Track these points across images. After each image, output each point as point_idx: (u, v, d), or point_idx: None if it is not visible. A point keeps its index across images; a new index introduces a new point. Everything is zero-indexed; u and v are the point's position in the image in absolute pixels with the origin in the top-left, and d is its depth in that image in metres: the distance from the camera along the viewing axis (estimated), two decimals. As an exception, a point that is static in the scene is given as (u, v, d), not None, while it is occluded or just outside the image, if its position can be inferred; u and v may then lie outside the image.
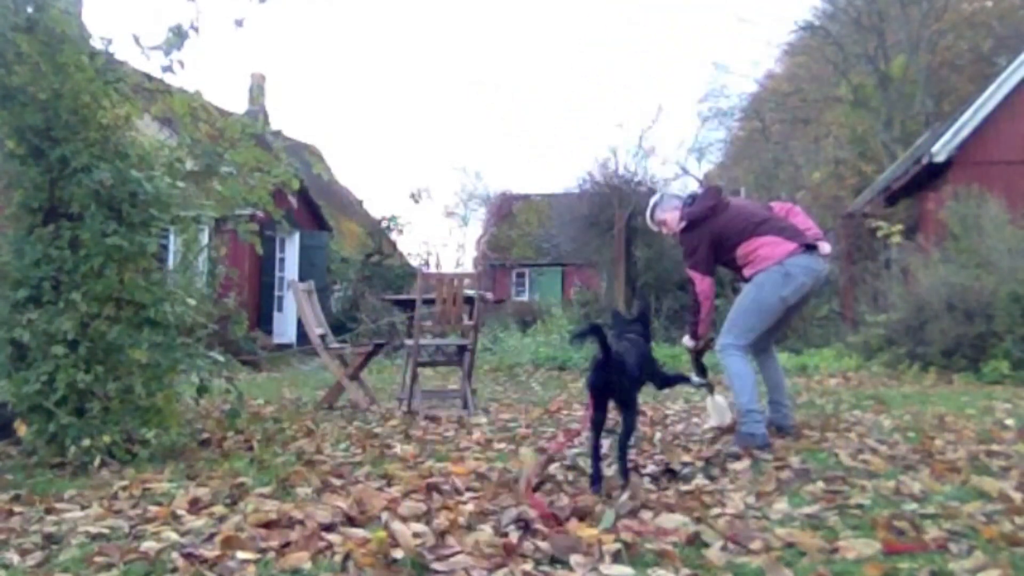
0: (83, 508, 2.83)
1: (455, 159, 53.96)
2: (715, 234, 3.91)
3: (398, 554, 2.13)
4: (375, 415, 5.27)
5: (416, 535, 2.28)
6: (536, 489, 2.90)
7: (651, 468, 3.26)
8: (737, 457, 3.40)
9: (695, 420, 4.59)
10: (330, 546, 2.24)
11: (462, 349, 5.68)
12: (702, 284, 3.95)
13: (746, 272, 3.90)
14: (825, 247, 3.91)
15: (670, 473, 3.19)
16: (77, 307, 3.63)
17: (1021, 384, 6.83)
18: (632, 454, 3.60)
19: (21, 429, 3.67)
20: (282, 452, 3.82)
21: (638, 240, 14.69)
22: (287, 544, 2.26)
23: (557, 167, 49.20)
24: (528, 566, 2.08)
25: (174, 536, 2.39)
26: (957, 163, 10.99)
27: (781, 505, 2.65)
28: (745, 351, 3.88)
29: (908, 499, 2.68)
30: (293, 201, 5.77)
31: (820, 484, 2.91)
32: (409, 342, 5.57)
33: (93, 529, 2.53)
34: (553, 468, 3.31)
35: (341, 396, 5.92)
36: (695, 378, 4.18)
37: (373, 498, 2.70)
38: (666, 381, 3.91)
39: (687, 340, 4.19)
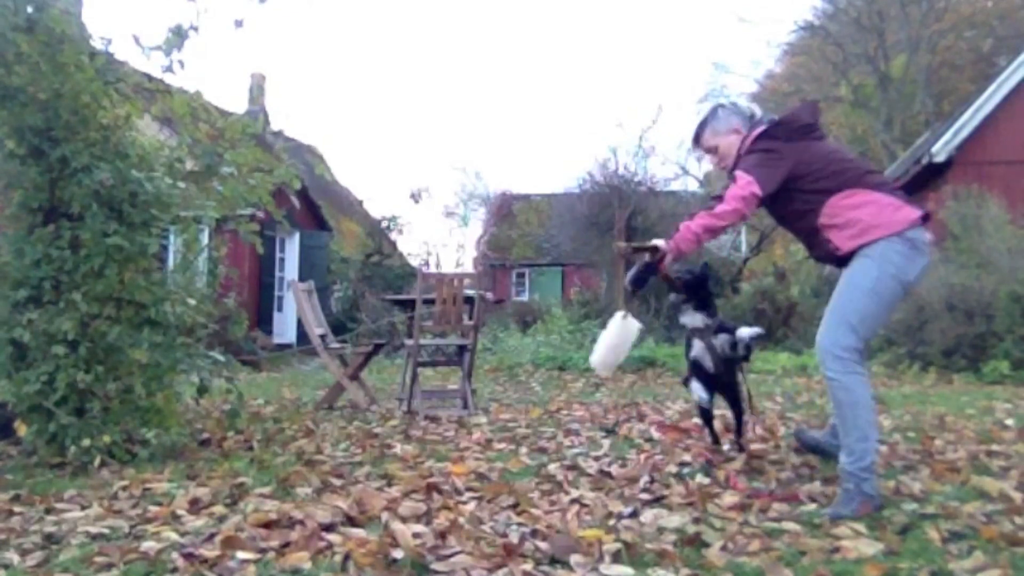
0: (83, 508, 2.83)
1: (455, 159, 53.92)
2: (800, 162, 2.78)
3: (398, 554, 2.13)
4: (375, 415, 5.27)
5: (416, 535, 2.28)
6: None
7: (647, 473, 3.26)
8: (735, 457, 3.39)
9: (695, 420, 4.59)
10: (330, 546, 2.25)
11: (462, 349, 5.68)
12: (744, 190, 2.74)
13: (834, 239, 2.76)
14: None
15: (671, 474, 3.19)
16: (77, 307, 3.63)
17: (1021, 384, 6.83)
18: (632, 454, 3.61)
19: (21, 429, 3.67)
20: (282, 452, 3.82)
21: (638, 240, 14.69)
22: (287, 544, 2.27)
23: (557, 167, 49.16)
24: (528, 566, 2.08)
25: (174, 536, 2.39)
26: (957, 163, 11.00)
27: (780, 505, 2.65)
28: (863, 363, 2.74)
29: (908, 499, 2.69)
30: (295, 201, 5.77)
31: (819, 484, 2.91)
32: (409, 342, 5.57)
33: (93, 529, 2.53)
34: (553, 468, 3.32)
35: (341, 396, 5.92)
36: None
37: (373, 498, 2.70)
38: None
39: (659, 241, 2.92)
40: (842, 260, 2.78)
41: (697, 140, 3.14)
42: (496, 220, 25.23)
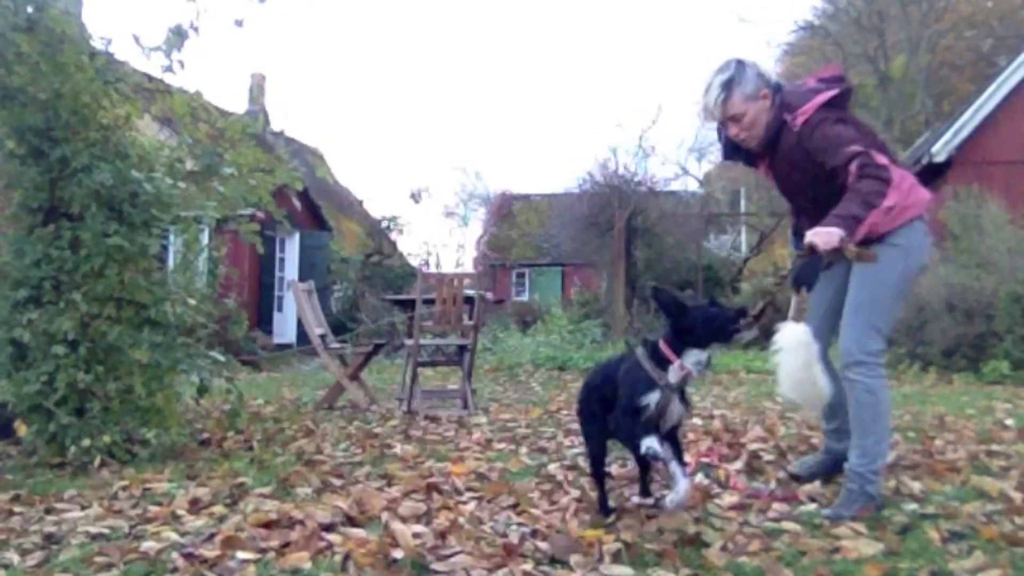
0: (83, 508, 2.83)
1: (455, 159, 53.94)
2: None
3: (398, 554, 2.13)
4: (375, 415, 5.27)
5: (416, 535, 2.28)
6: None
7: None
8: (735, 457, 3.39)
9: (696, 420, 4.59)
10: (330, 546, 2.25)
11: (462, 349, 5.68)
12: (907, 180, 2.48)
13: (872, 218, 2.48)
14: None
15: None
16: (77, 307, 3.63)
17: (1021, 384, 6.83)
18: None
19: (21, 429, 3.68)
20: (282, 452, 3.82)
21: (638, 240, 14.69)
22: (287, 544, 2.27)
23: (557, 167, 49.19)
24: (528, 566, 2.08)
25: (174, 536, 2.39)
26: (957, 163, 10.99)
27: (780, 505, 2.65)
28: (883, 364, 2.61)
29: (908, 499, 2.69)
30: (296, 204, 5.77)
31: (819, 484, 2.90)
32: (409, 342, 5.57)
33: (93, 529, 2.53)
34: (553, 468, 3.32)
35: (341, 396, 5.92)
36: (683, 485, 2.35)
37: (373, 498, 2.70)
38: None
39: (833, 235, 2.30)
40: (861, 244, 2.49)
41: (724, 103, 2.58)
42: (496, 220, 25.23)
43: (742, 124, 2.61)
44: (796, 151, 2.56)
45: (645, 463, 2.69)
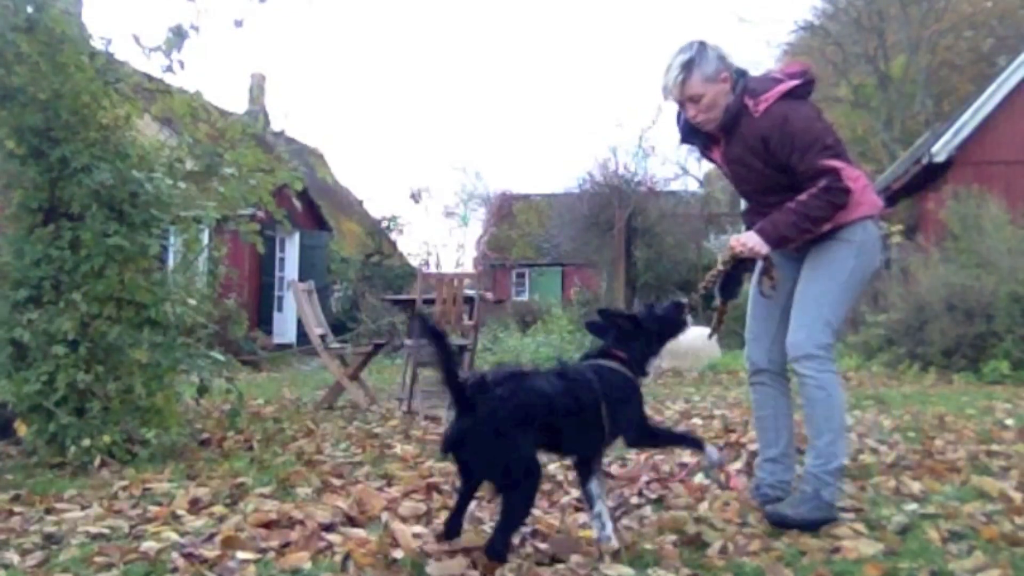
0: (83, 508, 2.83)
1: (455, 159, 53.91)
2: None
3: (398, 554, 2.13)
4: (375, 415, 5.27)
5: (416, 535, 2.29)
6: None
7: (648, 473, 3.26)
8: (735, 457, 3.39)
9: (695, 420, 4.59)
10: (330, 546, 2.25)
11: (462, 349, 5.68)
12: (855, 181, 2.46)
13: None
14: None
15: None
16: (77, 307, 3.63)
17: (1021, 384, 6.82)
18: (631, 452, 3.59)
19: (21, 429, 3.67)
20: (282, 452, 3.82)
21: (638, 240, 14.73)
22: (287, 544, 2.27)
23: (557, 167, 49.21)
24: (528, 566, 2.08)
25: (174, 536, 2.39)
26: (957, 163, 11.00)
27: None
28: (835, 360, 2.60)
29: (908, 499, 2.69)
30: (297, 205, 5.78)
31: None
32: (409, 342, 5.57)
33: (93, 529, 2.53)
34: (553, 468, 3.32)
35: (341, 396, 5.92)
36: (711, 450, 2.55)
37: (373, 498, 2.70)
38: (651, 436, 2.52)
39: (761, 247, 2.47)
40: (810, 241, 2.54)
41: (683, 84, 2.51)
42: (496, 220, 25.23)
43: (700, 106, 2.53)
44: (753, 138, 2.51)
45: None
